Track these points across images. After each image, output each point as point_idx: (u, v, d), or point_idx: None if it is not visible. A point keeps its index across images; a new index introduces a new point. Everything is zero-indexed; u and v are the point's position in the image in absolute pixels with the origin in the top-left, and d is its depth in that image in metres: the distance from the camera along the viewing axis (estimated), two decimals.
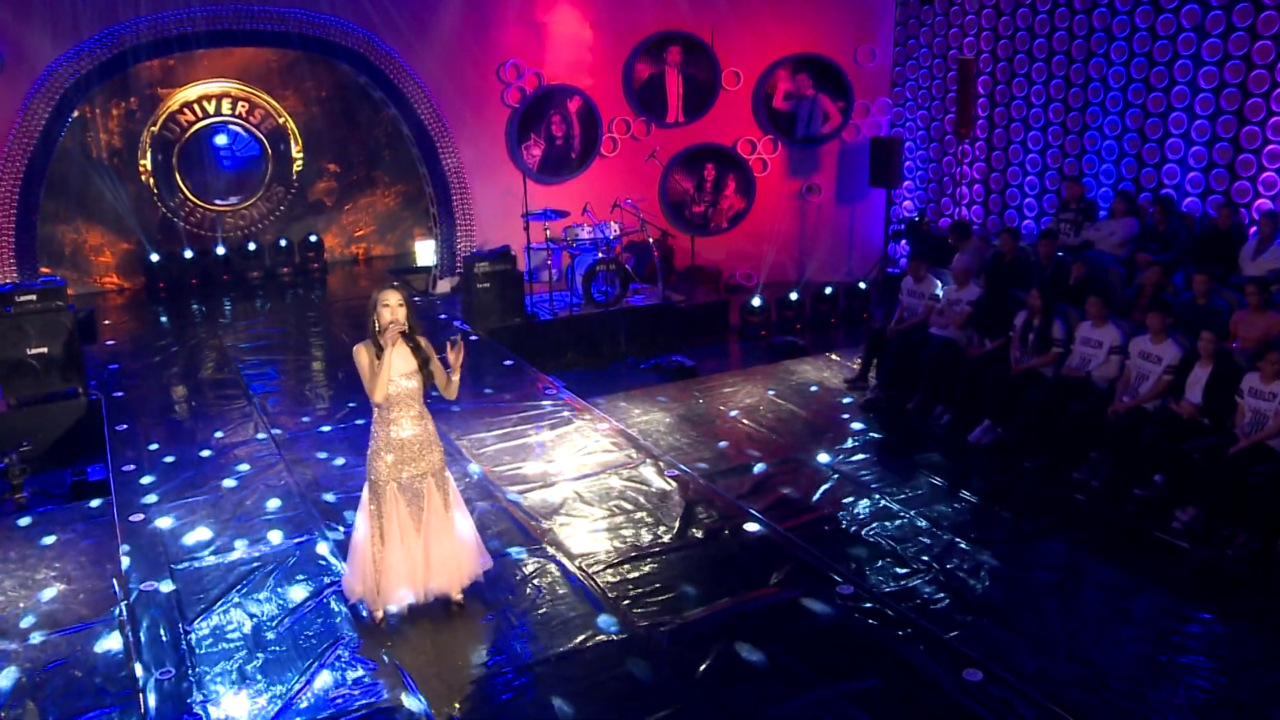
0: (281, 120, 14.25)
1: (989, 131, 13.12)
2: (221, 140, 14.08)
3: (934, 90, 13.97)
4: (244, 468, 8.06)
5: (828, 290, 12.96)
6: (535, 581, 6.36)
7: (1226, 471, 7.15)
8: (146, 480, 7.86)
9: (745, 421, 9.18)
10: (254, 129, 14.09)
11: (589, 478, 7.86)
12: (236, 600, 6.18)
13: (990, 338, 9.14)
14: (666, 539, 6.93)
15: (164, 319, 12.65)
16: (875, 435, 8.96)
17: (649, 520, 7.19)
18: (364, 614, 5.91)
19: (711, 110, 14.24)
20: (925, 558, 6.82)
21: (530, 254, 12.23)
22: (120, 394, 9.75)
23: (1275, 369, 7.13)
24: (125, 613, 6.05)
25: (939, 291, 9.78)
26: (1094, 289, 9.08)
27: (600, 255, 11.90)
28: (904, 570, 6.64)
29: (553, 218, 11.90)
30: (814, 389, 10.06)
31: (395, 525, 5.66)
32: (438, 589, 5.88)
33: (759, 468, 8.18)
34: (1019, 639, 5.86)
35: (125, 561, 6.62)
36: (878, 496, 7.73)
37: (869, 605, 6.15)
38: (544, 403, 9.34)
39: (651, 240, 12.67)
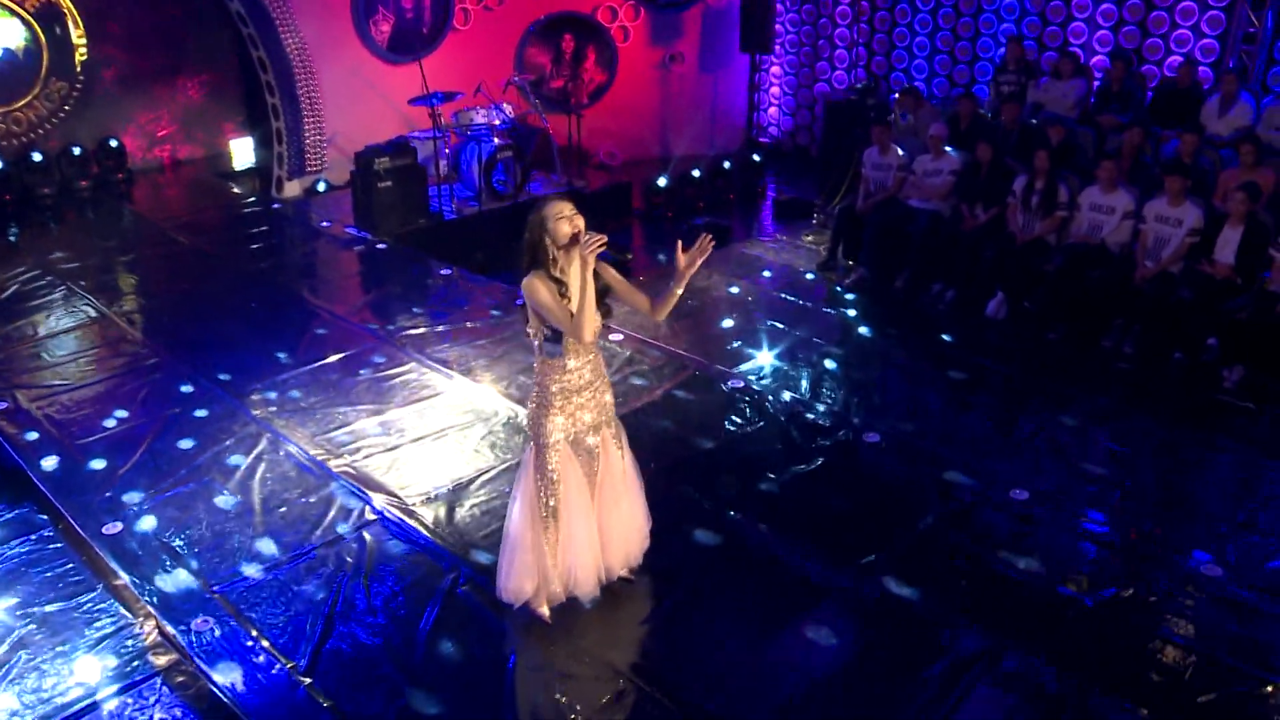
0: None
1: None
2: None
3: None
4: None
5: (726, 164, 12.29)
6: None
7: (1275, 328, 7.30)
8: None
9: (738, 318, 8.42)
10: (18, 7, 11.31)
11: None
12: None
13: (982, 207, 8.86)
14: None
15: None
16: (882, 319, 8.54)
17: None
18: (524, 615, 4.78)
19: None
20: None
21: (419, 145, 10.67)
22: None
23: None
24: None
25: (913, 163, 9.37)
26: (1069, 152, 9.01)
27: (497, 142, 10.58)
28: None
29: (440, 101, 10.41)
30: (770, 273, 9.46)
31: (575, 495, 4.62)
32: (615, 567, 4.90)
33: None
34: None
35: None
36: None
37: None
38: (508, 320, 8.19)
39: (546, 122, 11.43)
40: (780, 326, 8.14)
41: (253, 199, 11.37)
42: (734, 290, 8.95)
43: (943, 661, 4.49)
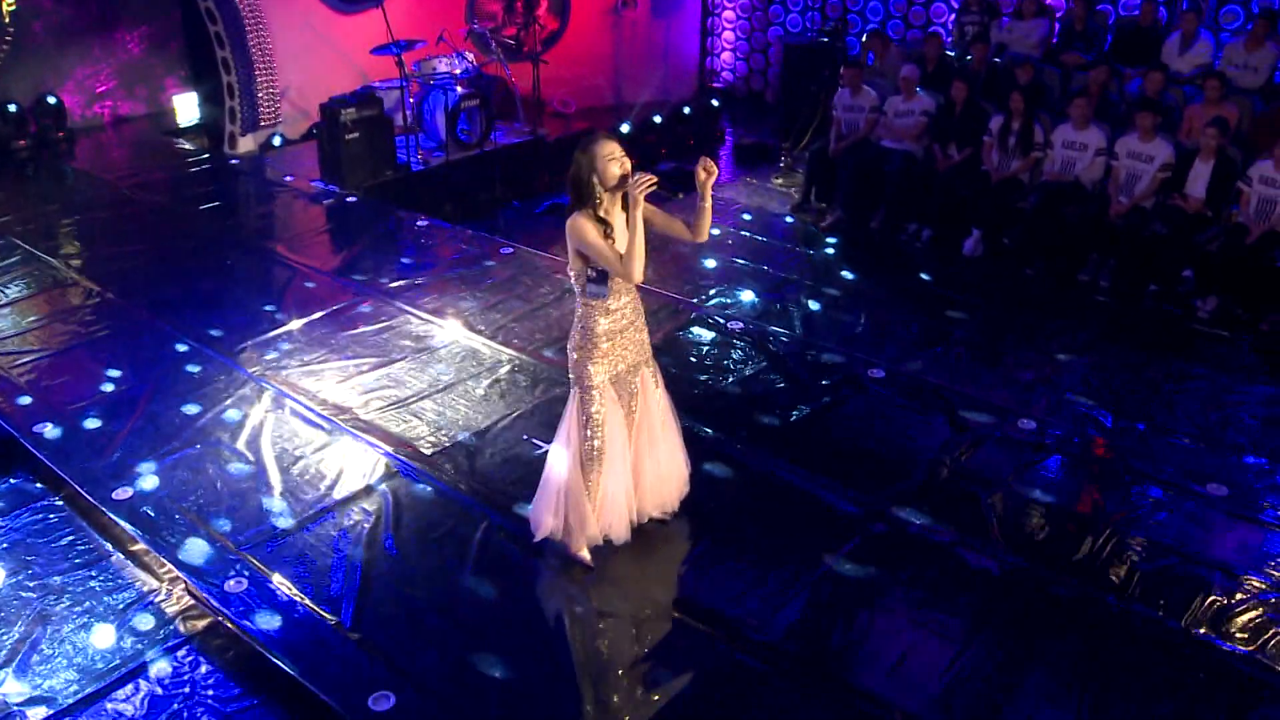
0: None
1: None
2: None
3: None
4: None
5: (686, 110, 12.23)
6: None
7: (1246, 259, 7.54)
8: None
9: (722, 260, 8.43)
10: None
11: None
12: None
13: (956, 147, 8.96)
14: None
15: None
16: (865, 260, 8.63)
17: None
18: (562, 559, 4.79)
19: None
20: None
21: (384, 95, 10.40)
22: None
23: None
24: None
25: (882, 104, 9.42)
26: (1035, 92, 9.13)
27: (460, 91, 10.38)
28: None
29: (401, 50, 10.16)
30: (750, 216, 9.48)
31: (617, 435, 4.62)
32: (648, 509, 4.92)
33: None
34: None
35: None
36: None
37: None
38: (510, 263, 8.10)
39: (508, 71, 11.24)
40: (766, 269, 8.18)
41: (205, 156, 11.00)
42: (715, 232, 8.94)
43: (967, 593, 4.61)
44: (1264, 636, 4.35)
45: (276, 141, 11.15)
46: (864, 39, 10.90)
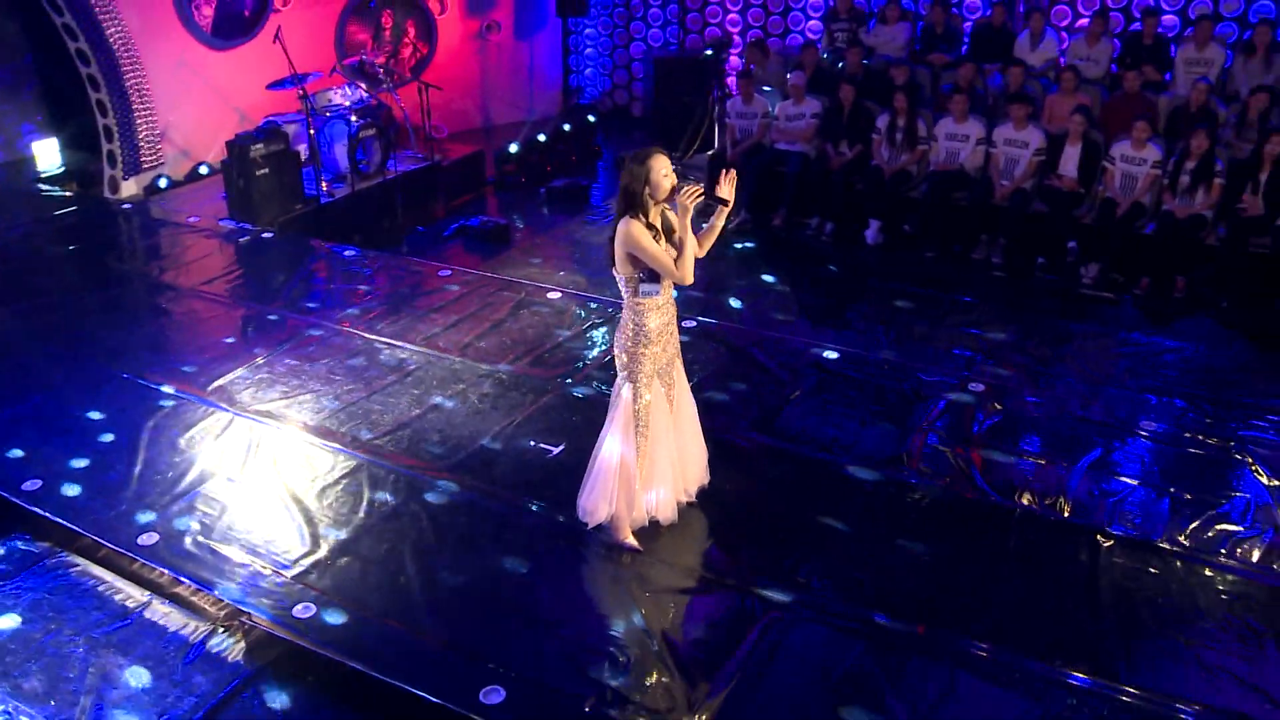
0: None
1: None
2: None
3: None
4: None
5: (566, 127, 12.58)
6: None
7: (1118, 229, 8.51)
8: None
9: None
10: None
11: None
12: None
13: (847, 145, 9.66)
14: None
15: None
16: (780, 255, 9.21)
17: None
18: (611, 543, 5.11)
19: None
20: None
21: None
22: None
23: (1143, 136, 8.49)
24: None
25: (775, 110, 10.04)
26: (912, 91, 9.94)
27: (356, 121, 10.45)
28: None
29: (293, 84, 10.15)
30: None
31: (662, 423, 4.98)
32: (693, 488, 5.31)
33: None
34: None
35: None
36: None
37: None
38: (445, 286, 8.26)
39: (398, 98, 11.34)
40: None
41: (87, 202, 10.64)
42: None
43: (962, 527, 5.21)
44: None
45: (162, 183, 10.89)
46: (745, 48, 11.52)
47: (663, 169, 4.58)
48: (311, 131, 10.03)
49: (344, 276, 8.56)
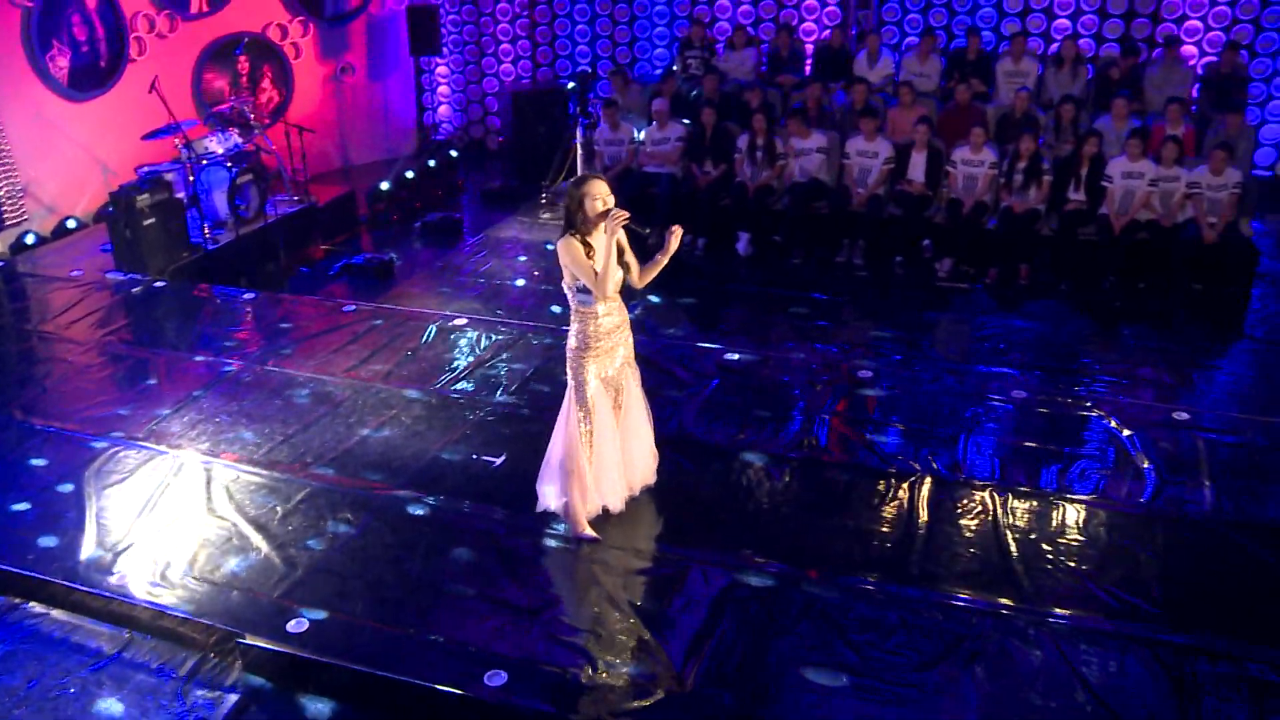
0: None
1: None
2: None
3: None
4: None
5: (431, 163, 12.93)
6: None
7: (967, 228, 9.51)
8: None
9: (534, 286, 9.44)
10: None
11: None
12: None
13: (712, 164, 10.40)
14: None
15: None
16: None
17: None
18: (570, 536, 5.59)
19: None
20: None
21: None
22: None
23: (980, 141, 9.53)
24: None
25: (638, 135, 10.70)
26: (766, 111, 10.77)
27: (232, 168, 10.56)
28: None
29: (171, 132, 10.23)
30: (552, 246, 10.44)
31: (606, 425, 5.51)
32: (634, 485, 5.83)
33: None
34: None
35: None
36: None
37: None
38: (352, 321, 8.52)
39: (270, 144, 11.47)
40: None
41: None
42: (521, 259, 9.93)
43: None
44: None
45: (30, 239, 10.71)
46: (608, 77, 12.16)
47: (595, 194, 5.12)
48: (191, 179, 10.09)
49: (250, 318, 8.69)
